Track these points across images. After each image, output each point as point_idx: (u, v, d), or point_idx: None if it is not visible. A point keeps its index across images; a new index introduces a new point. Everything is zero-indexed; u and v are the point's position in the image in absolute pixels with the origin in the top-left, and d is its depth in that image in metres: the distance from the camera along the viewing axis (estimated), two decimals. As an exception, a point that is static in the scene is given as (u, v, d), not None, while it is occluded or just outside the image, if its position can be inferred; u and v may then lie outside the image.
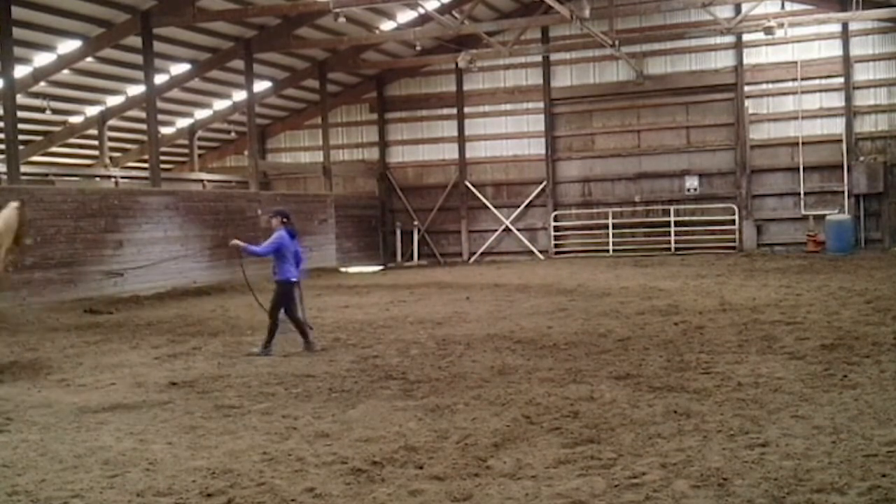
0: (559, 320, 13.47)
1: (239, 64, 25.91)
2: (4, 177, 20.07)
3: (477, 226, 31.11)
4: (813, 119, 27.43)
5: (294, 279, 11.56)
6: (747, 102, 28.01)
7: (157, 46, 22.62)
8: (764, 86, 28.03)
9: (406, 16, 26.89)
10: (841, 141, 26.91)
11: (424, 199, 31.67)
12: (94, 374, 10.15)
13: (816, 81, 27.35)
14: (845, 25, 26.48)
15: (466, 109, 31.06)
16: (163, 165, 27.24)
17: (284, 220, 11.62)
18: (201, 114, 30.49)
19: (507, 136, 30.78)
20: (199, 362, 10.80)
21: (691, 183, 28.86)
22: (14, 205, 11.58)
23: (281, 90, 30.21)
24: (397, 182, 32.07)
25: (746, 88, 28.03)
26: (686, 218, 28.70)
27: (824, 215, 26.69)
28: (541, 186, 30.17)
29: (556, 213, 30.05)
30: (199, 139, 31.68)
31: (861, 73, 26.88)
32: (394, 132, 32.33)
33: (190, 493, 5.64)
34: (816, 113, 27.41)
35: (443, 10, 25.28)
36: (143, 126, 24.53)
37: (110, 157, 28.45)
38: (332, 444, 6.68)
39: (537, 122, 30.29)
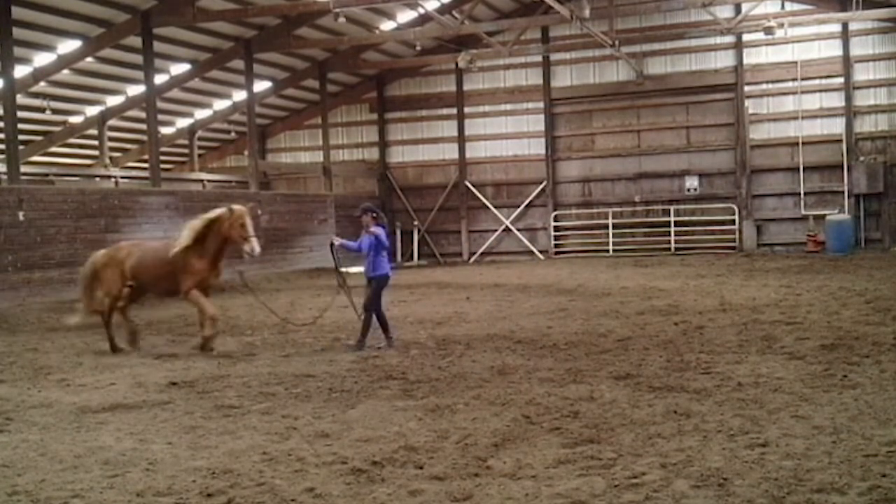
0: (559, 320, 13.46)
1: (239, 64, 25.92)
2: (4, 177, 20.07)
3: (477, 226, 31.11)
4: (813, 119, 27.44)
5: (390, 274, 11.70)
6: (747, 102, 28.01)
7: (157, 46, 22.62)
8: (764, 86, 28.03)
9: (406, 16, 26.90)
10: (841, 141, 26.91)
11: (424, 199, 31.68)
12: (94, 374, 10.15)
13: (816, 81, 27.36)
14: (845, 25, 26.48)
15: (466, 109, 31.07)
16: (163, 165, 27.25)
17: (374, 215, 11.68)
18: (201, 114, 30.49)
19: (507, 136, 30.79)
20: (199, 362, 10.79)
21: (691, 183, 28.86)
22: (228, 206, 11.75)
23: (281, 90, 30.21)
24: (397, 182, 32.08)
25: (746, 88, 28.03)
26: (686, 218, 28.71)
27: (824, 215, 26.69)
28: (541, 186, 30.18)
29: (556, 213, 30.05)
30: (199, 139, 31.69)
31: (861, 73, 26.88)
32: (394, 132, 32.34)
33: (190, 493, 5.64)
34: (816, 113, 27.42)
35: (443, 10, 25.29)
36: (143, 126, 24.54)
37: (110, 157, 28.45)
38: (332, 444, 6.68)
39: (537, 122, 30.29)
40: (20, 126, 20.41)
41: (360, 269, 12.01)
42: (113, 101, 27.12)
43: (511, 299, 16.91)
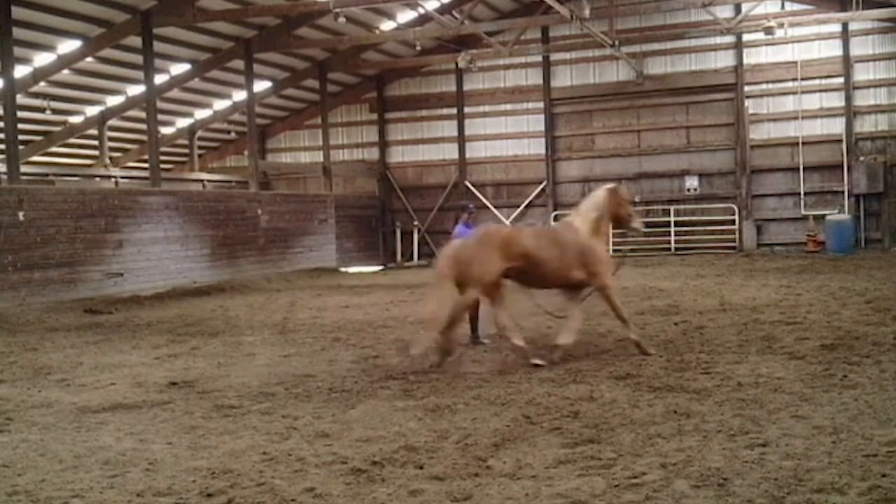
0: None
1: (239, 64, 25.91)
2: (4, 177, 20.07)
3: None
4: (813, 119, 27.44)
5: None
6: (747, 102, 28.01)
7: (157, 46, 22.61)
8: (764, 86, 28.03)
9: (406, 16, 26.89)
10: (841, 141, 26.91)
11: (424, 199, 31.68)
12: (94, 374, 10.15)
13: (816, 81, 27.36)
14: (845, 25, 26.48)
15: (466, 109, 31.06)
16: (163, 165, 27.23)
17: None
18: (201, 114, 30.48)
19: (507, 136, 30.79)
20: (199, 362, 10.79)
21: (691, 183, 28.86)
22: (607, 186, 10.77)
23: (281, 90, 30.20)
24: (397, 182, 32.08)
25: (746, 88, 28.03)
26: (686, 218, 28.71)
27: (824, 215, 26.69)
28: (541, 186, 30.18)
29: (556, 213, 30.03)
30: (199, 139, 31.66)
31: (861, 73, 26.88)
32: (394, 132, 32.33)
33: (190, 493, 5.64)
34: (816, 113, 27.41)
35: (443, 10, 25.29)
36: (143, 126, 24.52)
37: (110, 157, 28.44)
38: (332, 444, 6.68)
39: (537, 122, 30.29)
40: (20, 126, 20.40)
41: (359, 269, 12.00)
42: (113, 101, 27.10)
43: (511, 299, 16.87)
